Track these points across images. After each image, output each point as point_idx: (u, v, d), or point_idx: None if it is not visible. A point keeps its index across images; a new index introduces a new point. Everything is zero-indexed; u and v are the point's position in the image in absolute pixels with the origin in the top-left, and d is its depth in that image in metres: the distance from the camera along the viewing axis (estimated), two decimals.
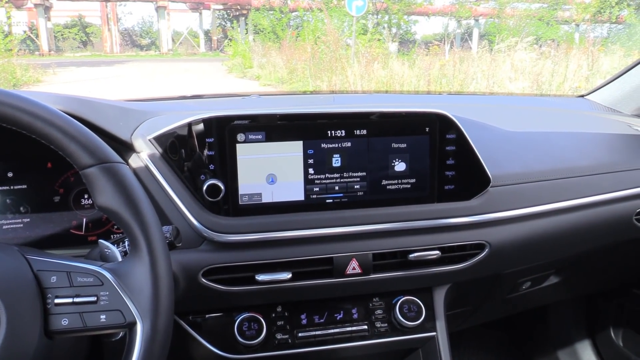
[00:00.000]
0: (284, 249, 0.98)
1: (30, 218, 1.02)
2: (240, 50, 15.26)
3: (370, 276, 1.02)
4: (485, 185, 1.05)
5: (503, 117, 1.35)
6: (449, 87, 8.26)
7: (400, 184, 1.01)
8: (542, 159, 1.17)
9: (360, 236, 1.01)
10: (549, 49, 9.43)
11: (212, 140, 0.94)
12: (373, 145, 0.99)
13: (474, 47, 19.13)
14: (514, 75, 7.71)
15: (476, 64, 8.61)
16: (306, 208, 0.98)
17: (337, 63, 9.31)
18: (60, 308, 0.64)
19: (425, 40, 21.59)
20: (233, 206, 0.95)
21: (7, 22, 15.84)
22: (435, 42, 12.02)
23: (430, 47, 10.92)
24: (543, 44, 10.05)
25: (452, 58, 9.15)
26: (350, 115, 0.98)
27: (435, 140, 1.01)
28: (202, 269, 0.95)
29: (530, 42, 8.64)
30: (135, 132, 0.97)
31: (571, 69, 7.72)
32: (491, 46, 9.14)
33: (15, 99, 0.64)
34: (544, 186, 1.13)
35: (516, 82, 7.66)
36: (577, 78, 7.58)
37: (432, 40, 16.87)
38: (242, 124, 0.94)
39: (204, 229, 0.93)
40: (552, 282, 1.34)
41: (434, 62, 9.02)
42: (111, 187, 0.67)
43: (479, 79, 8.05)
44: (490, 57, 8.56)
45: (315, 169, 0.98)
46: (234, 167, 0.94)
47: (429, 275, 1.06)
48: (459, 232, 1.06)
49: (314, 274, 1.01)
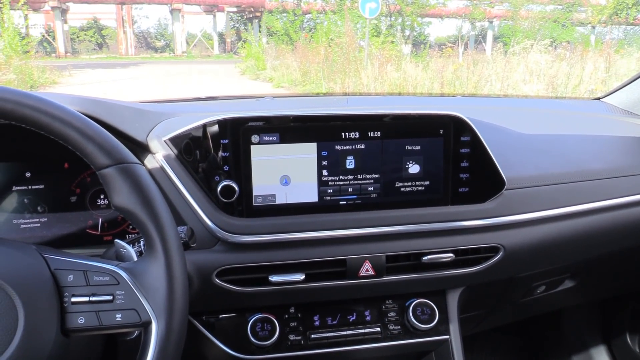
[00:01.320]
0: (297, 250, 0.98)
1: (47, 218, 1.03)
2: (253, 52, 15.31)
3: (383, 278, 1.02)
4: (500, 188, 1.04)
5: (518, 119, 1.34)
6: (463, 90, 8.21)
7: (414, 186, 1.01)
8: (557, 162, 1.16)
9: (374, 238, 1.01)
10: (564, 51, 9.35)
11: (227, 142, 0.94)
12: (387, 147, 0.99)
13: (488, 50, 19.03)
14: (529, 78, 7.65)
15: (490, 67, 8.56)
16: (320, 210, 0.98)
17: (350, 65, 9.31)
18: (77, 307, 0.65)
19: (438, 42, 21.53)
20: (247, 207, 0.96)
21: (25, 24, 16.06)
22: (449, 44, 11.97)
23: (444, 49, 10.89)
24: (558, 46, 9.96)
25: (465, 60, 9.11)
26: (364, 117, 0.98)
27: (450, 142, 1.01)
28: (216, 270, 0.95)
29: (545, 45, 8.57)
30: (151, 133, 0.98)
31: (587, 71, 7.65)
32: (505, 48, 9.09)
33: (34, 100, 0.65)
34: (559, 189, 1.12)
35: (531, 85, 7.61)
36: (593, 80, 7.51)
37: (446, 42, 16.82)
38: (256, 126, 0.94)
39: (218, 230, 0.94)
40: (567, 287, 1.33)
41: (447, 65, 8.98)
42: (127, 187, 0.67)
43: (493, 82, 8.00)
44: (505, 60, 8.50)
45: (329, 170, 0.98)
46: (248, 169, 0.95)
47: (443, 278, 1.06)
48: (473, 234, 1.05)
49: (327, 276, 1.01)
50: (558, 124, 1.40)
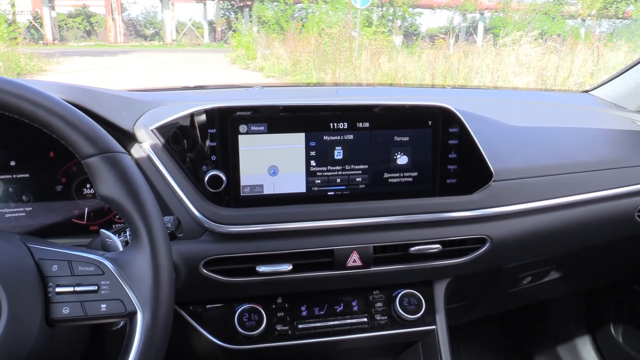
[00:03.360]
0: (285, 240, 0.98)
1: (33, 207, 1.02)
2: (244, 42, 15.20)
3: (370, 269, 1.02)
4: (488, 179, 1.04)
5: (506, 111, 1.35)
6: (454, 81, 8.22)
7: (402, 177, 1.01)
8: (544, 154, 1.16)
9: (362, 229, 1.01)
10: (554, 43, 9.38)
11: (214, 131, 0.93)
12: (375, 138, 0.99)
13: (478, 41, 19.04)
14: (519, 70, 7.68)
15: (481, 58, 8.58)
16: (308, 200, 0.98)
17: (341, 55, 9.28)
18: (61, 297, 0.65)
19: (430, 34, 21.50)
20: (234, 197, 0.95)
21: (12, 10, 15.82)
22: (441, 36, 11.97)
23: (436, 41, 10.88)
24: (548, 38, 9.99)
25: (456, 51, 9.11)
26: (353, 108, 0.98)
27: (438, 133, 1.01)
28: (203, 260, 0.95)
29: (535, 37, 8.59)
30: (138, 122, 0.97)
31: (577, 64, 7.69)
32: (496, 40, 9.10)
33: (18, 88, 0.63)
34: (546, 181, 1.12)
35: (521, 77, 7.63)
36: (582, 73, 7.55)
37: (437, 34, 16.79)
38: (244, 115, 0.93)
39: (205, 220, 0.94)
40: (553, 278, 1.34)
41: (438, 56, 8.98)
42: (113, 177, 0.67)
43: (483, 73, 8.02)
44: (495, 51, 8.52)
45: (317, 161, 0.97)
46: (236, 158, 0.94)
47: (430, 268, 1.06)
48: (460, 226, 1.05)
49: (315, 266, 1.01)
50: (546, 116, 1.41)
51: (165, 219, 0.85)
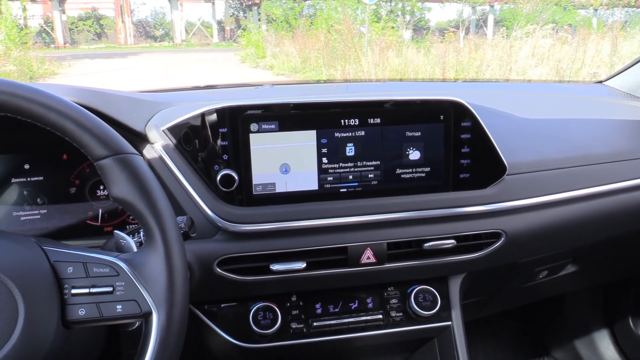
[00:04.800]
0: (298, 238, 0.98)
1: (47, 209, 1.03)
2: (253, 40, 15.22)
3: (384, 265, 1.02)
4: (501, 173, 1.03)
5: (519, 104, 1.33)
6: (465, 75, 8.16)
7: (414, 172, 1.00)
8: (559, 147, 1.15)
9: (375, 225, 1.00)
10: (565, 34, 9.27)
11: (225, 131, 0.93)
12: (387, 134, 0.98)
13: (489, 34, 18.87)
14: (533, 62, 7.60)
15: (492, 51, 8.50)
16: (320, 197, 0.98)
17: (350, 51, 9.25)
18: (77, 298, 0.65)
19: (439, 28, 21.36)
20: (247, 196, 0.95)
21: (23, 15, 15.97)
22: (451, 29, 11.88)
23: (446, 34, 10.80)
24: (559, 29, 9.87)
25: (467, 45, 9.05)
26: (363, 104, 0.97)
27: (450, 128, 1.00)
28: (216, 259, 0.95)
29: (548, 30, 8.49)
30: (149, 123, 0.98)
31: (589, 54, 7.59)
32: (507, 32, 9.01)
33: (29, 92, 0.64)
34: (561, 174, 1.11)
35: (534, 69, 7.56)
36: (596, 63, 7.46)
37: (447, 27, 16.68)
38: (255, 114, 0.93)
39: (218, 219, 0.94)
40: (569, 271, 1.33)
41: (449, 50, 8.92)
42: (125, 178, 0.67)
43: (495, 66, 7.94)
44: (508, 44, 8.43)
45: (328, 158, 0.97)
46: (248, 157, 0.94)
47: (444, 264, 1.05)
48: (474, 220, 1.05)
49: (329, 264, 1.00)
50: (560, 108, 1.39)
51: (178, 219, 0.85)
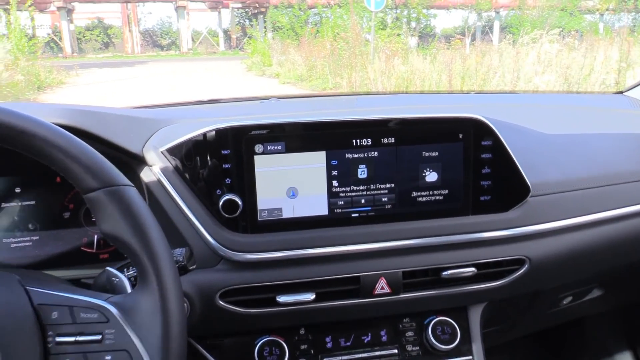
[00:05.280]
0: (306, 267, 0.91)
1: (40, 236, 0.96)
2: (259, 48, 15.25)
3: (400, 296, 0.95)
4: (524, 195, 0.96)
5: (537, 117, 1.26)
6: (472, 82, 8.08)
7: (431, 195, 0.94)
8: (584, 165, 1.08)
9: (389, 253, 0.93)
10: (572, 39, 9.19)
11: (228, 152, 0.87)
12: (402, 155, 0.91)
13: (495, 40, 18.82)
14: (540, 69, 7.51)
15: (498, 58, 8.42)
16: (330, 223, 0.91)
17: (356, 59, 9.21)
18: (62, 347, 0.58)
19: (445, 34, 21.32)
20: (251, 222, 0.89)
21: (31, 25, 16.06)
22: (458, 36, 11.83)
23: (452, 41, 10.75)
24: (566, 35, 9.78)
25: (473, 52, 8.98)
26: (376, 123, 0.91)
27: (470, 147, 0.93)
28: (219, 290, 0.89)
29: (555, 35, 8.41)
30: (147, 143, 0.91)
31: (598, 60, 7.50)
32: (514, 38, 8.93)
33: (10, 116, 0.58)
34: (587, 194, 1.03)
35: (542, 76, 7.47)
36: (605, 69, 7.36)
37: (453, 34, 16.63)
38: (260, 134, 0.87)
39: (220, 248, 0.87)
40: (595, 296, 1.25)
41: (455, 56, 8.85)
42: (117, 213, 0.60)
43: (503, 73, 7.86)
44: (515, 50, 8.35)
45: (339, 181, 0.90)
46: (252, 181, 0.88)
47: (464, 293, 0.98)
48: (495, 246, 0.97)
49: (340, 295, 0.93)
50: (581, 121, 1.32)
51: (176, 251, 0.78)
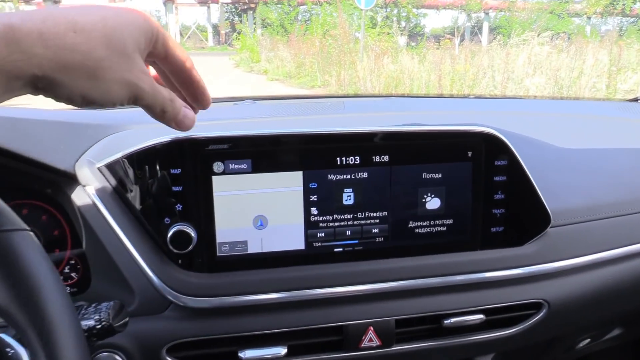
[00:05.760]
0: (277, 315, 0.74)
1: None
2: (248, 44, 15.05)
3: (392, 348, 0.77)
4: (544, 226, 0.79)
5: (550, 128, 1.09)
6: (461, 82, 7.97)
7: (433, 226, 0.76)
8: (610, 187, 0.91)
9: (380, 297, 0.76)
10: (562, 42, 9.13)
11: (179, 172, 0.69)
12: (397, 176, 0.74)
13: (483, 41, 18.74)
14: (531, 71, 7.41)
15: (487, 59, 8.32)
16: (308, 260, 0.74)
17: (345, 57, 9.06)
18: None
19: (434, 34, 21.28)
20: (208, 259, 0.71)
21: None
22: (447, 36, 11.73)
23: (442, 41, 10.65)
24: (555, 37, 9.70)
25: (463, 52, 8.90)
26: (367, 137, 0.73)
27: (480, 168, 0.76)
28: (166, 344, 0.71)
29: (545, 37, 8.34)
30: (83, 157, 0.73)
31: (588, 63, 7.43)
32: (503, 39, 8.85)
33: None
34: (615, 223, 0.87)
35: (532, 78, 7.37)
36: (595, 72, 7.29)
37: (442, 34, 16.55)
38: (219, 150, 0.69)
39: (168, 290, 0.69)
40: (614, 335, 1.09)
41: (445, 56, 8.75)
42: None
43: (493, 75, 7.76)
44: (505, 52, 8.24)
45: (319, 208, 0.73)
46: (210, 207, 0.70)
47: (469, 344, 0.81)
48: (508, 287, 0.80)
49: (318, 348, 0.76)
50: (598, 133, 1.15)
51: (102, 305, 0.60)
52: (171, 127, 0.49)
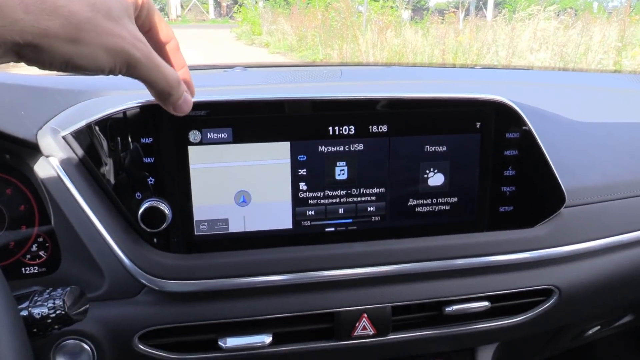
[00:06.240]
0: (261, 300, 0.67)
1: None
2: (249, 17, 14.86)
3: (387, 337, 0.71)
4: (558, 205, 0.72)
5: (562, 100, 1.01)
6: (465, 57, 7.84)
7: (435, 204, 0.69)
8: (627, 165, 0.83)
9: (375, 281, 0.69)
10: (568, 17, 8.97)
11: (151, 141, 0.61)
12: (397, 149, 0.66)
13: (488, 16, 18.44)
14: (536, 46, 7.28)
15: (492, 33, 8.18)
16: (296, 240, 0.67)
17: (348, 31, 8.91)
18: None
19: (438, 8, 20.94)
20: (185, 238, 0.64)
21: None
22: (451, 9, 11.53)
23: (446, 15, 10.48)
24: (561, 12, 9.52)
25: (467, 26, 8.77)
26: (363, 104, 0.65)
27: (490, 141, 0.69)
28: (138, 331, 0.64)
29: (552, 11, 8.17)
30: (47, 125, 0.65)
31: (595, 39, 7.29)
32: (508, 15, 8.69)
33: None
34: (633, 204, 0.80)
35: (537, 53, 7.24)
36: (602, 48, 7.16)
37: (446, 8, 16.28)
38: (196, 116, 0.61)
39: (140, 272, 0.63)
40: (625, 321, 1.02)
41: (449, 31, 8.61)
42: None
43: (497, 50, 7.63)
44: (510, 26, 8.10)
45: (309, 183, 0.65)
46: (186, 181, 0.63)
47: (472, 333, 0.74)
48: (516, 272, 0.74)
49: (307, 336, 0.69)
50: (617, 107, 1.07)
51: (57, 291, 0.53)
52: (168, 110, 0.49)
